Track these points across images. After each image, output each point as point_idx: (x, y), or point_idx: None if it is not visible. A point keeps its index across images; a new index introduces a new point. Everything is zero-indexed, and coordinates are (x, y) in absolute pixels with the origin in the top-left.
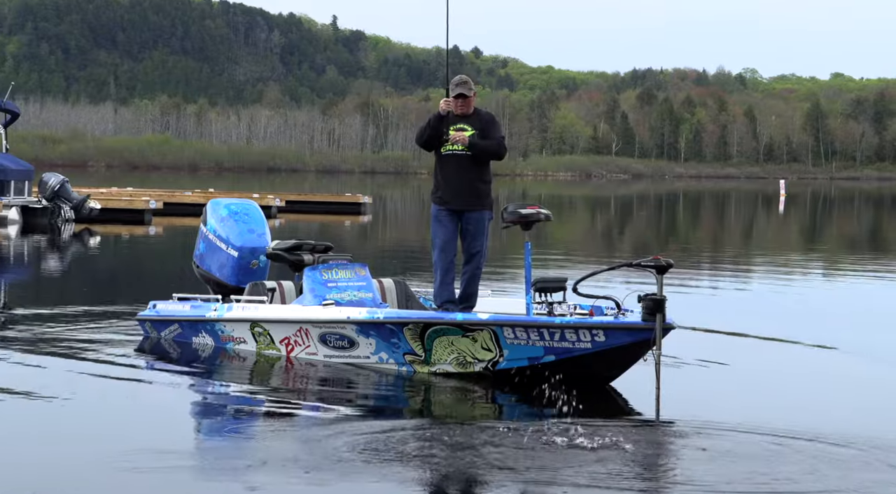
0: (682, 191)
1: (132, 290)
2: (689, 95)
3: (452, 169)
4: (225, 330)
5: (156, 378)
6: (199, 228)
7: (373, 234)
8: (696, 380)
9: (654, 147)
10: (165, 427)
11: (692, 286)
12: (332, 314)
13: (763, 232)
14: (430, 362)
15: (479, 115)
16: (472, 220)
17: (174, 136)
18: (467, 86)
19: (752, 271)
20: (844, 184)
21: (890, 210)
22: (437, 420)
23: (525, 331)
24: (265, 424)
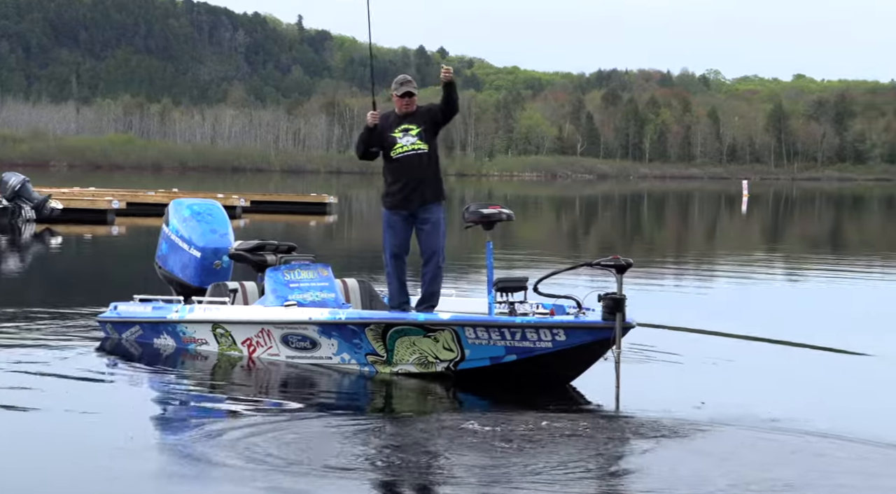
0: (646, 191)
1: (93, 291)
2: (654, 96)
3: (408, 169)
4: (186, 332)
5: (115, 379)
6: (162, 229)
7: (338, 234)
8: (655, 376)
9: (619, 147)
10: (123, 429)
11: (655, 285)
12: (294, 315)
13: (726, 232)
14: (392, 362)
15: (419, 111)
16: (427, 218)
17: (137, 136)
18: (412, 84)
19: (714, 270)
20: (806, 184)
21: (850, 210)
22: (398, 418)
23: (486, 331)
24: (224, 426)
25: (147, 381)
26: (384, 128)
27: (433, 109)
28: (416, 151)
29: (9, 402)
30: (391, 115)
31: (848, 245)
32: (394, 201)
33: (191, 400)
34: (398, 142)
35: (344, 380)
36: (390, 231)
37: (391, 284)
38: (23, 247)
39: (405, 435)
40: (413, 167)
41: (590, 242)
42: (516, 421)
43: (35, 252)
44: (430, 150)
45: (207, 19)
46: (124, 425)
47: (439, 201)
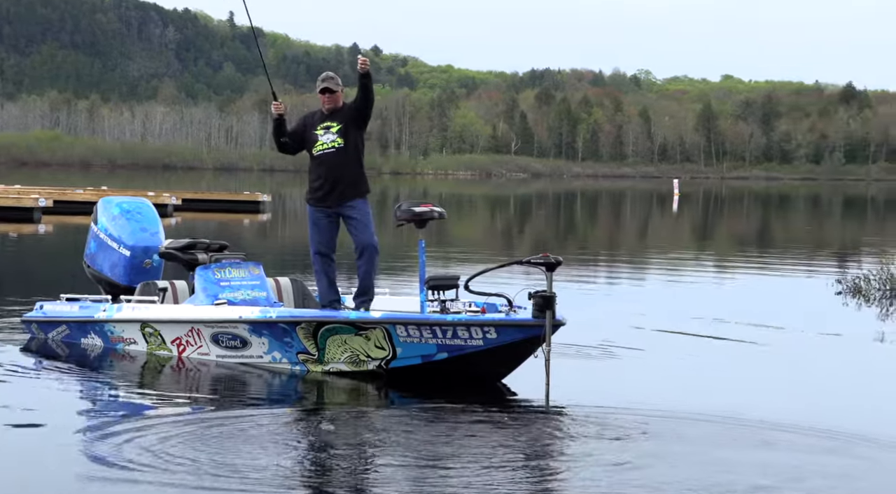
0: (579, 190)
1: (19, 291)
2: (586, 95)
3: (327, 165)
4: (115, 331)
5: (39, 379)
6: (90, 227)
7: (272, 233)
8: (583, 370)
9: (553, 146)
10: (43, 431)
11: (588, 282)
12: (225, 313)
13: (657, 229)
14: (323, 361)
15: (344, 110)
16: (353, 213)
17: (64, 133)
18: (334, 81)
19: (645, 268)
20: (735, 183)
21: (777, 208)
22: (326, 417)
23: (418, 329)
24: (143, 426)
25: (72, 382)
26: (309, 125)
27: (353, 104)
28: (334, 148)
29: None
30: (317, 113)
31: (774, 242)
32: (314, 197)
33: (114, 401)
34: (319, 140)
35: (274, 380)
36: (314, 228)
37: (320, 282)
38: None
39: (333, 434)
40: (331, 164)
41: (524, 240)
42: (446, 418)
43: None
44: (347, 146)
45: (136, 15)
46: (46, 427)
47: (363, 196)
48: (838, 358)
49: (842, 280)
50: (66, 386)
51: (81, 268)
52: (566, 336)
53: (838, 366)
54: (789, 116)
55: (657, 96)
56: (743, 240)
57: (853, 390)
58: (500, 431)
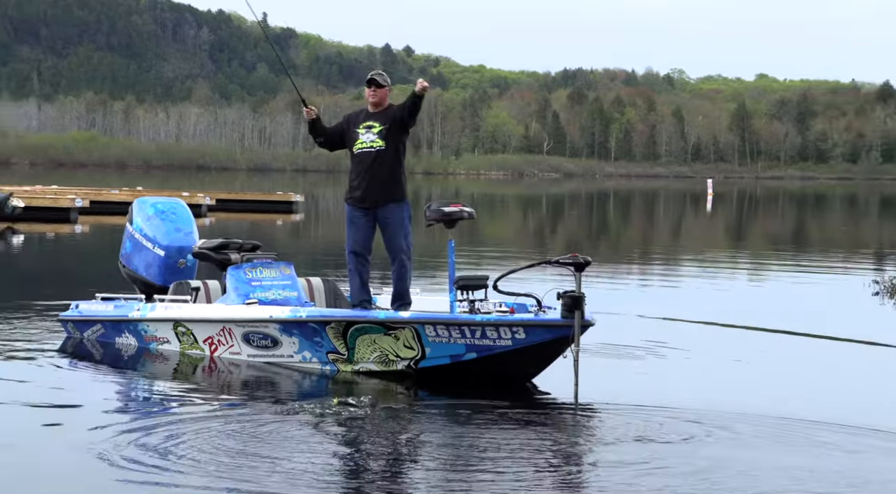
0: (612, 189)
1: (56, 290)
2: (619, 95)
3: (365, 165)
4: (148, 330)
5: (75, 379)
6: (126, 227)
7: (305, 233)
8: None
9: (585, 146)
10: (85, 433)
11: (620, 282)
12: (255, 313)
13: (691, 229)
14: (353, 360)
15: (389, 110)
16: (389, 215)
17: (101, 134)
18: (382, 77)
19: (679, 267)
20: (769, 183)
21: (812, 208)
22: (360, 410)
23: (447, 329)
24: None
25: (105, 381)
26: (352, 123)
27: (399, 110)
28: (373, 148)
29: None
30: (362, 112)
31: (810, 242)
32: (352, 196)
33: (146, 400)
34: (359, 138)
35: (304, 380)
36: (351, 227)
37: (352, 282)
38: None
39: (369, 426)
40: (368, 164)
41: (556, 240)
42: (475, 418)
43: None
44: (388, 148)
45: (171, 16)
46: (77, 426)
47: (399, 202)
48: (876, 358)
49: (879, 280)
50: (98, 385)
51: (117, 268)
52: (599, 335)
53: (877, 366)
54: (825, 115)
55: (691, 96)
56: (778, 239)
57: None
58: (528, 430)
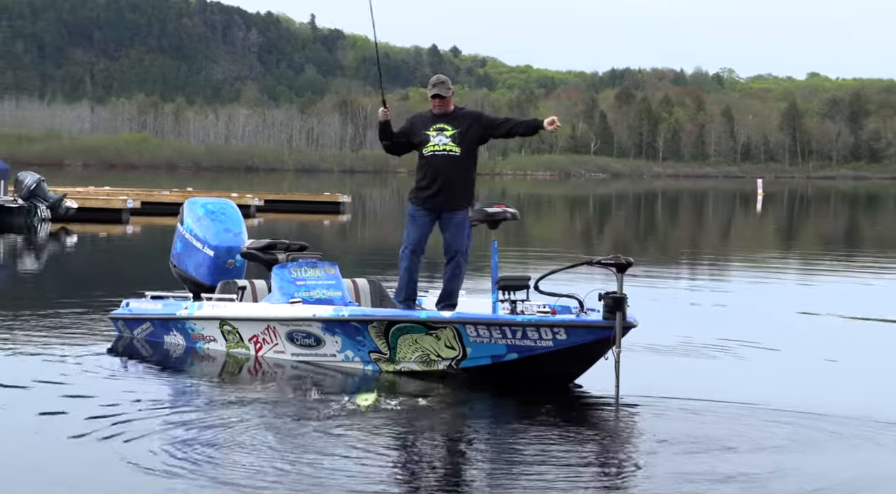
0: (660, 190)
1: (108, 289)
2: (667, 95)
3: (437, 169)
4: (195, 329)
5: (124, 378)
6: (176, 228)
7: (351, 234)
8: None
9: (633, 146)
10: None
11: (667, 283)
12: (298, 311)
13: (741, 230)
14: (394, 360)
15: (459, 114)
16: (452, 219)
17: (151, 135)
18: (444, 86)
19: (728, 268)
20: (821, 182)
21: (865, 208)
22: (402, 410)
23: (487, 329)
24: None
25: (152, 380)
26: (419, 125)
27: (484, 121)
28: (447, 152)
29: (14, 401)
30: (427, 114)
31: (863, 242)
32: (419, 197)
33: (192, 397)
34: (431, 140)
35: (347, 380)
36: (412, 225)
37: (401, 278)
38: (38, 246)
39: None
40: (441, 167)
41: (602, 241)
42: (517, 417)
43: (50, 251)
44: (462, 154)
45: (221, 19)
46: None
47: (466, 207)
48: None
49: None
50: (145, 383)
51: (168, 268)
52: (643, 335)
53: None
54: (878, 114)
55: (740, 95)
56: (830, 239)
57: None
58: (568, 429)
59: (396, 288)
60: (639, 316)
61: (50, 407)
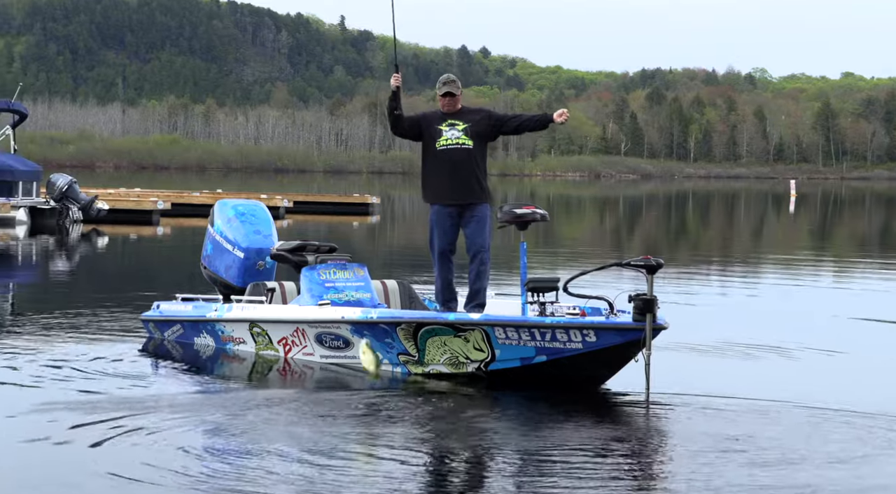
0: (691, 191)
1: (139, 291)
2: (699, 95)
3: (452, 162)
4: (225, 331)
5: (155, 381)
6: (207, 229)
7: (381, 235)
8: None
9: (664, 147)
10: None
11: (698, 285)
12: (327, 313)
13: (773, 231)
14: (423, 362)
15: (468, 111)
16: (473, 215)
17: (182, 137)
18: (454, 84)
19: (760, 270)
20: (855, 183)
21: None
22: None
23: (516, 331)
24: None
25: (183, 382)
26: (431, 120)
27: (493, 118)
28: (461, 145)
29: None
30: (437, 112)
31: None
32: (434, 192)
33: (223, 402)
34: (444, 134)
35: (375, 382)
36: (438, 229)
37: (437, 282)
38: (70, 248)
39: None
40: (456, 161)
41: (633, 242)
42: (543, 423)
43: (82, 252)
44: (475, 147)
45: (251, 20)
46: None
47: (484, 201)
48: None
49: None
50: (176, 384)
51: (198, 270)
52: (674, 337)
53: None
54: None
55: (773, 95)
56: (865, 241)
57: None
58: (598, 429)
59: (434, 291)
60: (669, 318)
61: (79, 408)
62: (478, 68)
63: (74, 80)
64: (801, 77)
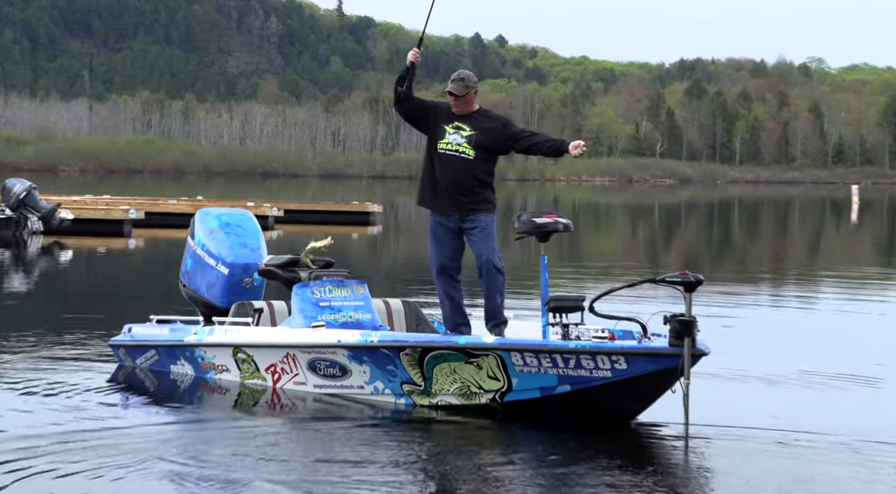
0: (736, 197)
1: (108, 313)
2: (745, 89)
3: (443, 169)
4: (206, 357)
5: (126, 417)
6: (186, 242)
7: (384, 248)
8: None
9: (705, 148)
10: (132, 476)
11: (744, 305)
12: (322, 337)
13: (832, 245)
14: (430, 393)
15: (482, 115)
16: (474, 226)
17: (157, 137)
18: (461, 83)
19: (817, 289)
20: None
21: None
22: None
23: (536, 357)
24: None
25: (156, 417)
26: (440, 113)
27: (507, 132)
28: (459, 154)
29: None
30: (449, 108)
31: None
32: (425, 199)
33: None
34: (445, 137)
35: (377, 414)
36: (435, 243)
37: (442, 305)
38: (28, 263)
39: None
40: (450, 170)
41: (670, 256)
42: (571, 466)
43: (42, 268)
44: (476, 159)
45: (236, 5)
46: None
47: (486, 211)
48: None
49: None
50: (149, 417)
51: (176, 288)
52: (717, 364)
53: None
54: None
55: (831, 88)
56: None
57: None
58: (629, 471)
59: (443, 316)
60: (710, 342)
61: (36, 446)
62: (493, 59)
63: (34, 72)
64: (864, 67)
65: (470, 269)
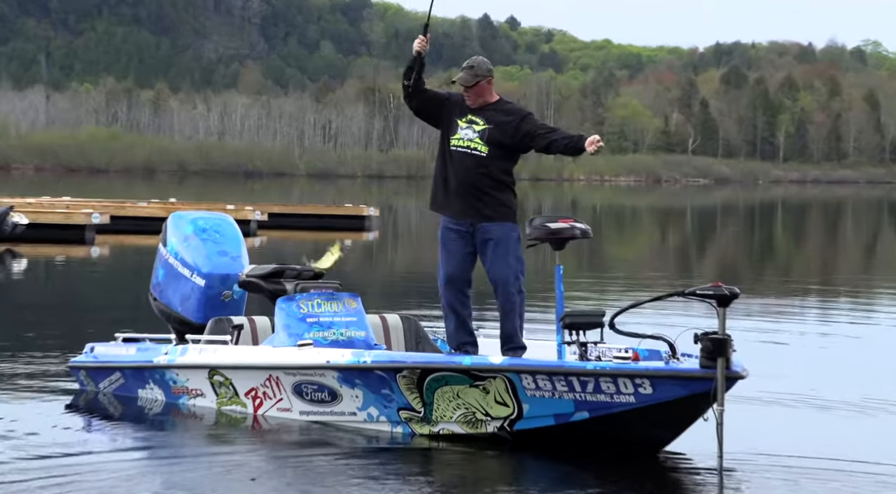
0: (780, 199)
1: (67, 329)
2: (790, 76)
3: (455, 167)
4: (178, 381)
5: (89, 450)
6: (158, 250)
7: (380, 256)
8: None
9: (744, 143)
10: None
11: (786, 322)
12: (308, 357)
13: (889, 251)
14: (430, 420)
15: (499, 108)
16: (488, 237)
17: (124, 130)
18: (472, 71)
19: (871, 303)
20: None
21: None
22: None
23: (549, 380)
24: None
25: (122, 452)
26: (453, 106)
27: (525, 125)
28: (471, 151)
29: None
30: (463, 100)
31: None
32: (437, 202)
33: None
34: (458, 133)
35: (370, 444)
36: (444, 251)
37: (447, 320)
38: None
39: None
40: (463, 168)
41: (703, 265)
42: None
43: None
44: (489, 156)
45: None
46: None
47: (505, 219)
48: None
49: None
50: (112, 449)
51: (145, 301)
52: (755, 384)
53: None
54: None
55: (889, 75)
56: None
57: None
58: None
59: (447, 333)
60: (748, 364)
61: None
62: (504, 43)
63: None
64: None
65: (484, 281)
